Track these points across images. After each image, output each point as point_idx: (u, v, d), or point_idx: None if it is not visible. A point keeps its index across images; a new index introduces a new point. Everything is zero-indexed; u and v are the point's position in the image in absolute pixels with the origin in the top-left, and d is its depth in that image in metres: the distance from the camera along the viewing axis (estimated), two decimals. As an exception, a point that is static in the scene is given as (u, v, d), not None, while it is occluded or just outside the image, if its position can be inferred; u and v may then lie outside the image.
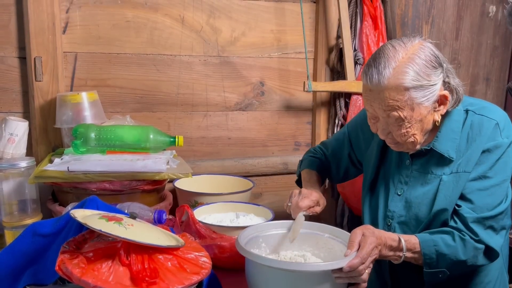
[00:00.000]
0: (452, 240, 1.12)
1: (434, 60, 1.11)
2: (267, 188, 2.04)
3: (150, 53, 1.79)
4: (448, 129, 1.19)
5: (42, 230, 1.08)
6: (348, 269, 0.98)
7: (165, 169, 1.41)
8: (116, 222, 0.94)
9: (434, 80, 1.11)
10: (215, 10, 1.84)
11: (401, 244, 1.10)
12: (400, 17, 2.11)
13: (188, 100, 1.87)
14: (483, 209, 1.13)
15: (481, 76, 2.31)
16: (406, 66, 1.08)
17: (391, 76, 1.08)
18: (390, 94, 1.09)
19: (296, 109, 2.04)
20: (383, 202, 1.28)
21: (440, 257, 1.12)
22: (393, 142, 1.19)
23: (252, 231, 1.18)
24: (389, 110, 1.11)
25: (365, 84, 1.13)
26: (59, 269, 0.87)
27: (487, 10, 2.25)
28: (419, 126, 1.14)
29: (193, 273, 0.93)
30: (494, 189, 1.15)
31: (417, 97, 1.10)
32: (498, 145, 1.15)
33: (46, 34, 1.61)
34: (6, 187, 1.37)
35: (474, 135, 1.18)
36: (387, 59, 1.09)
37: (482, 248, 1.13)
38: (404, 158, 1.25)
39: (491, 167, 1.15)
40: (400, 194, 1.25)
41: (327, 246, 1.18)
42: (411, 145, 1.17)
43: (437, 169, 1.20)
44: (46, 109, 1.64)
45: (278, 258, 1.16)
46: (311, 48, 2.01)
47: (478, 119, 1.19)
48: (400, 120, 1.12)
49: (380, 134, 1.19)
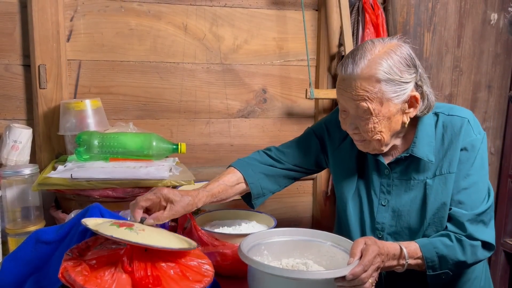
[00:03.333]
0: (450, 240, 1.14)
1: (409, 59, 1.14)
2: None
3: (153, 60, 1.80)
4: (423, 134, 1.21)
5: (45, 237, 1.08)
6: (350, 277, 0.98)
7: (167, 176, 1.41)
8: (127, 228, 0.94)
9: (406, 77, 1.12)
10: (218, 18, 1.86)
11: (403, 251, 1.10)
12: (402, 25, 2.12)
13: (191, 107, 1.88)
14: (473, 206, 1.16)
15: (483, 84, 2.31)
16: (380, 58, 1.11)
17: (365, 66, 1.10)
18: (361, 84, 1.11)
19: (298, 116, 2.04)
20: (368, 215, 1.28)
21: (441, 259, 1.13)
22: (360, 139, 1.20)
23: (254, 238, 1.18)
24: (359, 100, 1.12)
25: (340, 74, 1.15)
26: (62, 276, 0.87)
27: (488, 18, 2.26)
28: (387, 124, 1.15)
29: (195, 281, 0.93)
30: (477, 186, 1.18)
31: (387, 92, 1.11)
32: (473, 142, 1.19)
33: (50, 42, 1.62)
34: (9, 194, 1.38)
35: (450, 136, 1.20)
36: (364, 52, 1.12)
37: (478, 245, 1.15)
38: (382, 168, 1.25)
39: (471, 165, 1.18)
40: (385, 204, 1.25)
41: (329, 254, 1.17)
42: (378, 143, 1.18)
43: (418, 174, 1.21)
44: (49, 117, 1.65)
45: (280, 265, 1.16)
46: (313, 55, 2.02)
47: (449, 119, 1.21)
48: (368, 112, 1.12)
49: (348, 128, 1.20)
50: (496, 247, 1.23)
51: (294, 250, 1.20)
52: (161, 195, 1.08)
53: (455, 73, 2.25)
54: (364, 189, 1.29)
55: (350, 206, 1.31)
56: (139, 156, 1.51)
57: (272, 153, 1.39)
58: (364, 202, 1.29)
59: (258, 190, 1.33)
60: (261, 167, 1.35)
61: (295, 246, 1.20)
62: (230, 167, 1.33)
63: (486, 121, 2.35)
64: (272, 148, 1.41)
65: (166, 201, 1.09)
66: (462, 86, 2.27)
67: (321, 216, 2.08)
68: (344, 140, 1.33)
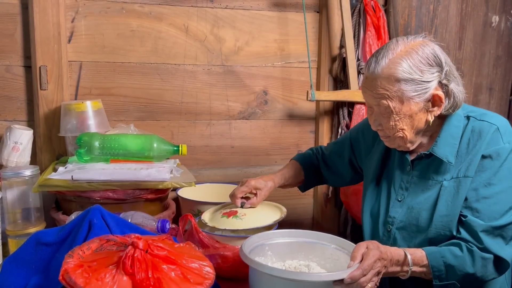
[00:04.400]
0: (460, 250, 1.10)
1: (432, 58, 1.13)
2: (270, 196, 2.02)
3: (154, 62, 1.80)
4: (447, 134, 1.19)
5: (45, 239, 1.08)
6: (349, 281, 0.97)
7: (168, 178, 1.41)
8: (233, 216, 1.29)
9: (427, 77, 1.12)
10: (219, 19, 1.86)
11: (407, 258, 1.08)
12: (403, 27, 2.12)
13: (192, 109, 1.88)
14: (490, 217, 1.11)
15: (484, 86, 2.31)
16: (401, 58, 1.12)
17: (385, 65, 1.12)
18: (381, 83, 1.13)
19: (299, 118, 2.04)
20: (384, 208, 1.28)
21: (449, 269, 1.10)
22: (384, 135, 1.22)
23: (258, 239, 1.18)
24: (379, 98, 1.14)
25: (364, 72, 1.18)
26: (62, 278, 0.86)
27: (490, 20, 2.26)
28: (409, 122, 1.15)
29: (196, 284, 0.92)
30: (500, 196, 1.13)
31: (407, 91, 1.12)
32: (500, 150, 1.14)
33: (52, 43, 1.62)
34: (10, 196, 1.37)
35: (475, 140, 1.17)
36: (387, 51, 1.14)
37: (491, 259, 1.10)
38: (405, 164, 1.26)
39: (495, 174, 1.14)
40: (401, 200, 1.25)
41: (333, 257, 1.17)
42: (401, 140, 1.19)
43: (437, 175, 1.20)
44: (50, 118, 1.65)
45: (284, 267, 1.16)
46: (314, 57, 2.02)
47: (479, 124, 1.19)
48: (389, 110, 1.14)
49: (372, 124, 1.22)
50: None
51: (298, 252, 1.20)
52: (251, 186, 1.39)
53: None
54: (385, 183, 1.30)
55: (368, 196, 1.33)
56: (140, 157, 1.51)
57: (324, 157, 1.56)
58: (383, 195, 1.29)
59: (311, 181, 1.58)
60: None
61: (300, 248, 1.20)
62: (292, 160, 1.57)
63: (487, 124, 2.35)
64: (323, 150, 1.58)
65: (255, 189, 1.39)
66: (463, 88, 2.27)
67: (322, 218, 2.08)
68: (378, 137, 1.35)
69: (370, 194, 1.33)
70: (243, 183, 1.39)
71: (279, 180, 1.47)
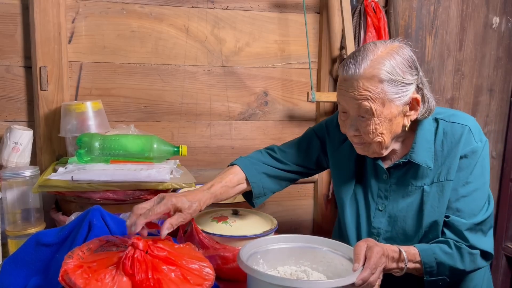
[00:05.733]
0: (449, 247, 1.13)
1: (411, 61, 1.14)
2: (270, 198, 2.03)
3: (154, 63, 1.80)
4: (422, 140, 1.20)
5: (45, 239, 1.08)
6: (360, 283, 0.96)
7: (168, 179, 1.41)
8: (223, 222, 1.25)
9: (408, 79, 1.12)
10: (220, 20, 1.86)
11: (402, 254, 1.09)
12: (404, 28, 2.12)
13: (192, 110, 1.88)
14: (470, 215, 1.15)
15: (484, 87, 2.31)
16: (383, 59, 1.10)
17: (367, 66, 1.10)
18: (363, 84, 1.10)
19: (299, 119, 2.04)
20: (365, 219, 1.27)
21: (440, 265, 1.12)
22: (360, 141, 1.18)
23: (252, 247, 1.12)
24: (361, 100, 1.11)
25: (341, 74, 1.15)
26: (62, 279, 0.86)
27: (490, 22, 2.26)
28: (388, 126, 1.14)
29: (196, 284, 0.92)
30: (476, 194, 1.17)
31: (390, 92, 1.10)
32: (474, 149, 1.17)
33: (52, 43, 1.62)
34: (10, 196, 1.37)
35: (450, 143, 1.19)
36: (366, 52, 1.12)
37: (477, 254, 1.15)
38: (381, 172, 1.25)
39: (471, 172, 1.17)
40: (382, 209, 1.24)
41: (325, 260, 1.14)
42: (378, 146, 1.17)
43: (416, 181, 1.20)
44: (50, 118, 1.65)
45: (278, 274, 1.13)
46: (314, 58, 2.02)
47: (450, 126, 1.20)
48: (370, 113, 1.11)
49: (348, 130, 1.18)
50: (498, 251, 1.23)
51: (289, 258, 1.16)
52: (171, 205, 1.07)
53: (456, 76, 2.25)
54: (361, 193, 1.29)
55: (347, 210, 1.30)
56: (140, 158, 1.51)
57: (275, 154, 1.39)
58: (361, 206, 1.28)
59: (260, 190, 1.34)
60: (264, 167, 1.35)
61: (290, 253, 1.16)
62: (234, 166, 1.33)
63: (488, 125, 2.35)
64: (275, 148, 1.41)
65: (176, 210, 1.09)
66: (463, 90, 2.27)
67: (322, 219, 2.08)
68: (343, 142, 1.33)
69: (350, 206, 1.30)
70: (161, 199, 1.07)
71: (207, 200, 1.18)
